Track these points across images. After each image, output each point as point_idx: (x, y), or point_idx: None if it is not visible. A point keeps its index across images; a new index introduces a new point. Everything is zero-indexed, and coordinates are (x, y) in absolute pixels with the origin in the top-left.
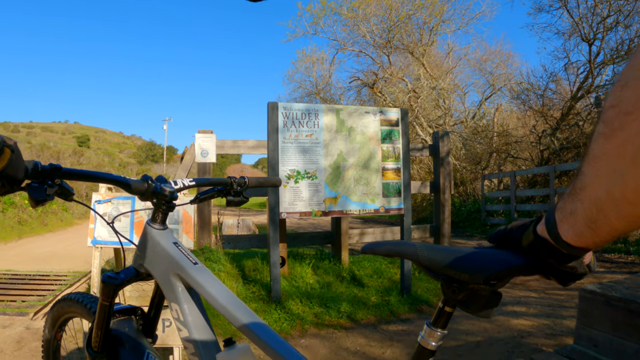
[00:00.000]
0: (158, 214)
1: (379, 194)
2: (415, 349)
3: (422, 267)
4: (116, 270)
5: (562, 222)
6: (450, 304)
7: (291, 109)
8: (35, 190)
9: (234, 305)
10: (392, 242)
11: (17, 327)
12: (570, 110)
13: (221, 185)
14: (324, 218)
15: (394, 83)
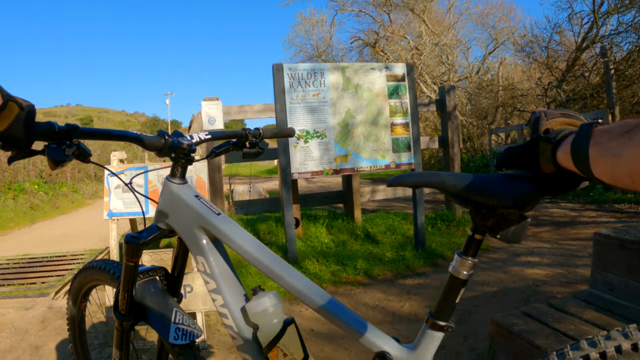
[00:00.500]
0: (177, 169)
1: (389, 150)
2: (447, 280)
3: (450, 195)
4: None
5: (600, 160)
6: (480, 231)
7: (296, 69)
8: (54, 151)
9: (260, 252)
10: (419, 173)
11: (39, 308)
12: (576, 62)
13: (236, 137)
14: (333, 181)
15: (396, 41)
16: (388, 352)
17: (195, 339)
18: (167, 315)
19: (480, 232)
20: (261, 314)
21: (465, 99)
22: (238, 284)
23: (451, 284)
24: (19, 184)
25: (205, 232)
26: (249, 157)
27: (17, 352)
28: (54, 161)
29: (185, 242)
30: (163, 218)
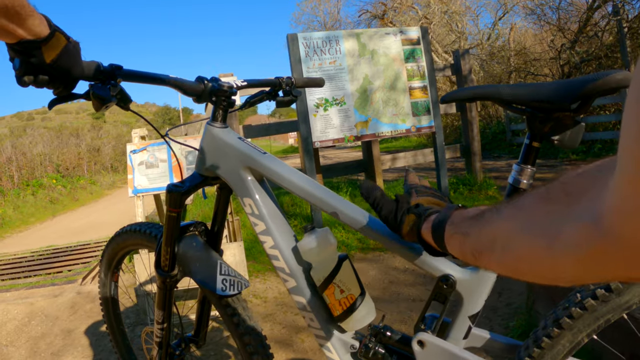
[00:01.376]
0: (218, 112)
1: (409, 114)
2: (507, 189)
3: (506, 104)
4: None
5: (451, 238)
6: (537, 137)
7: (311, 38)
8: (100, 89)
9: (311, 185)
10: (473, 87)
11: (68, 294)
12: (588, 22)
13: (270, 86)
14: (351, 154)
15: (404, 12)
16: (451, 275)
17: (243, 289)
18: (211, 268)
19: (538, 139)
20: (314, 251)
21: (478, 66)
22: (287, 224)
23: (512, 194)
24: (37, 179)
25: (251, 173)
26: (283, 105)
27: (49, 337)
28: (100, 99)
29: (231, 186)
30: (206, 164)
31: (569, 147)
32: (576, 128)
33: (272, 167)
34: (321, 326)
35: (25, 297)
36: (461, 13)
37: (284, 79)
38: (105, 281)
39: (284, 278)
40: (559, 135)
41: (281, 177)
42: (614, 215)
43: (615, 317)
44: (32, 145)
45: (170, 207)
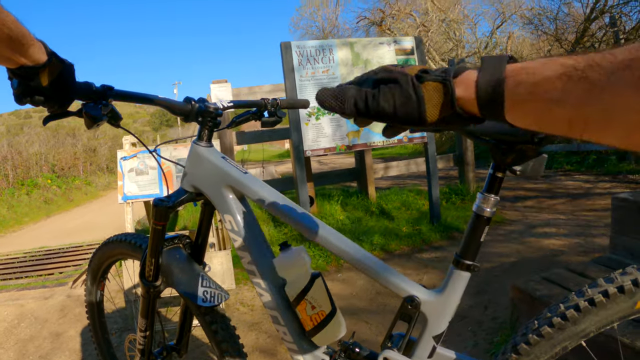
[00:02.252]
0: (204, 132)
1: None
2: (471, 218)
3: (471, 135)
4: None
5: (523, 104)
6: (501, 168)
7: (305, 46)
8: (92, 108)
9: (288, 206)
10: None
11: (58, 297)
12: (585, 33)
13: (255, 106)
14: (345, 160)
15: (402, 19)
16: (416, 296)
17: (223, 301)
18: (193, 280)
19: (501, 169)
20: (288, 269)
21: None
22: (265, 241)
23: (475, 223)
24: (31, 179)
25: (232, 191)
26: (268, 125)
27: (38, 340)
28: (92, 118)
29: (213, 202)
30: (191, 181)
31: (531, 177)
32: (539, 159)
33: (252, 187)
34: (294, 340)
35: (16, 299)
36: (459, 21)
37: (269, 100)
38: (91, 289)
39: (260, 292)
40: (522, 166)
41: (260, 197)
42: None
43: (573, 345)
44: (28, 144)
45: (156, 221)
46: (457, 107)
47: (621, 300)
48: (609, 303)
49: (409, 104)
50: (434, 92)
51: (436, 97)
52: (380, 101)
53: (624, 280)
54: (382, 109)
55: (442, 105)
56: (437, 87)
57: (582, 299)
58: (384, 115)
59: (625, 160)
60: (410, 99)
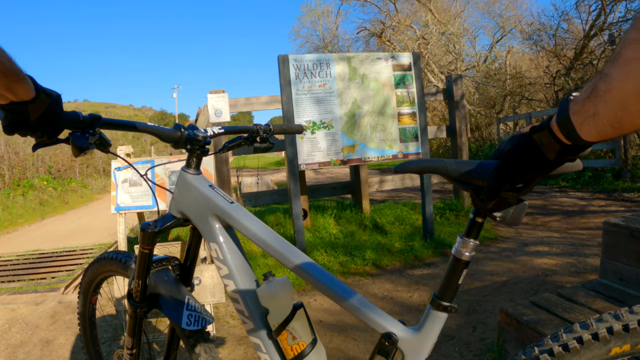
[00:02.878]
0: (192, 160)
1: (396, 140)
2: (450, 261)
3: (452, 179)
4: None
5: (583, 124)
6: (481, 213)
7: (302, 60)
8: (78, 138)
9: (272, 238)
10: (423, 160)
11: (49, 303)
12: (584, 49)
13: (248, 132)
14: (341, 171)
15: (402, 31)
16: (394, 333)
17: (207, 324)
18: (179, 303)
19: (481, 215)
20: (271, 298)
21: (473, 88)
22: (249, 270)
23: (454, 266)
24: (27, 180)
25: (219, 220)
26: (260, 151)
27: (27, 346)
28: (78, 148)
29: (200, 230)
30: (178, 207)
31: (511, 225)
32: (519, 206)
33: (237, 217)
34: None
35: (7, 303)
36: (459, 35)
37: (261, 126)
38: (84, 302)
39: (243, 320)
40: (502, 213)
41: (245, 227)
42: None
43: None
44: (25, 144)
45: (143, 245)
46: (560, 140)
47: (595, 347)
48: (582, 349)
49: (531, 150)
50: (542, 137)
51: (548, 142)
52: (510, 153)
53: (599, 327)
54: (512, 160)
55: (551, 144)
56: (545, 134)
57: (557, 344)
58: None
59: (620, 178)
60: (531, 147)
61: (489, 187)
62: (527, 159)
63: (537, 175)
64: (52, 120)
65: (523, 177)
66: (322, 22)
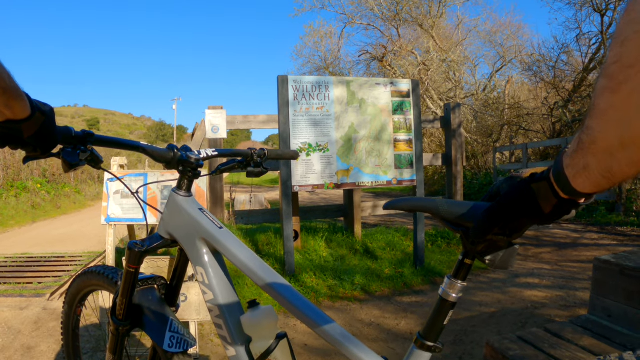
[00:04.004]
0: (184, 182)
1: (391, 166)
2: (437, 302)
3: (443, 220)
4: None
5: (576, 177)
6: (470, 256)
7: (301, 82)
8: (69, 154)
9: (259, 267)
10: (415, 198)
11: (34, 308)
12: (583, 82)
13: (242, 156)
14: (336, 193)
15: (404, 56)
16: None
17: (188, 348)
18: (162, 324)
19: (470, 257)
20: (255, 327)
21: (471, 116)
22: (235, 296)
23: (440, 306)
24: (21, 182)
25: (206, 244)
26: (253, 175)
27: (9, 351)
28: (68, 164)
29: (187, 253)
30: (167, 228)
31: (500, 269)
32: (510, 250)
33: (225, 243)
34: None
35: None
36: (460, 62)
37: (256, 150)
38: (69, 313)
39: (226, 346)
40: (491, 256)
41: (232, 254)
42: None
43: None
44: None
45: (129, 264)
46: (558, 195)
47: None
48: None
49: (527, 200)
50: (541, 188)
51: (545, 194)
52: (507, 198)
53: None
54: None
55: (548, 196)
56: (543, 185)
57: None
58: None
59: (614, 212)
60: (528, 197)
61: (478, 228)
62: (523, 208)
63: (531, 223)
64: (45, 137)
65: (515, 222)
66: (325, 43)
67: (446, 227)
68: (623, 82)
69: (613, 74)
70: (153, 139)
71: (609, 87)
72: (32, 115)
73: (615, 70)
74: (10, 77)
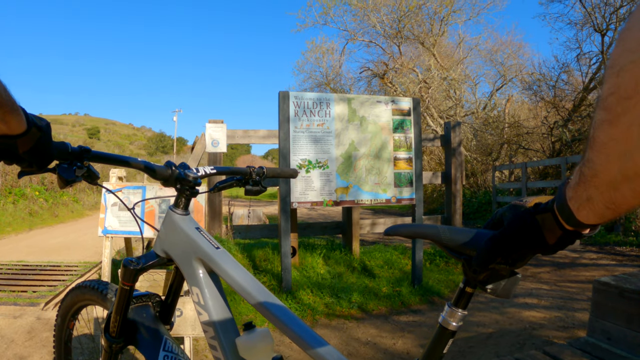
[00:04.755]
0: (181, 200)
1: (391, 184)
2: (436, 329)
3: (445, 247)
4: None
5: (580, 209)
6: (471, 284)
7: (302, 98)
8: (65, 170)
9: (255, 289)
10: (416, 225)
11: (28, 318)
12: (582, 102)
13: (240, 174)
14: (334, 209)
15: (405, 73)
16: None
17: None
18: (156, 342)
19: (472, 285)
20: (250, 350)
21: (471, 135)
22: (230, 318)
23: (440, 335)
24: (20, 188)
25: (202, 264)
26: (252, 194)
27: None
28: (64, 180)
29: (182, 272)
30: (163, 246)
31: (502, 297)
32: (512, 279)
33: (221, 263)
34: None
35: None
36: (460, 80)
37: (255, 168)
38: (61, 326)
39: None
40: (493, 285)
41: (228, 275)
42: None
43: None
44: None
45: (124, 281)
46: (563, 226)
47: None
48: None
49: (532, 231)
50: (545, 219)
51: (550, 226)
52: (510, 229)
53: None
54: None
55: (553, 228)
56: (548, 216)
57: None
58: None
59: (613, 232)
60: (532, 228)
61: (480, 258)
62: (527, 239)
63: (534, 253)
64: (41, 152)
65: (518, 252)
66: (327, 59)
67: (448, 254)
68: (621, 114)
69: (611, 106)
70: (153, 149)
71: (608, 119)
72: (27, 131)
73: (612, 102)
74: (6, 91)
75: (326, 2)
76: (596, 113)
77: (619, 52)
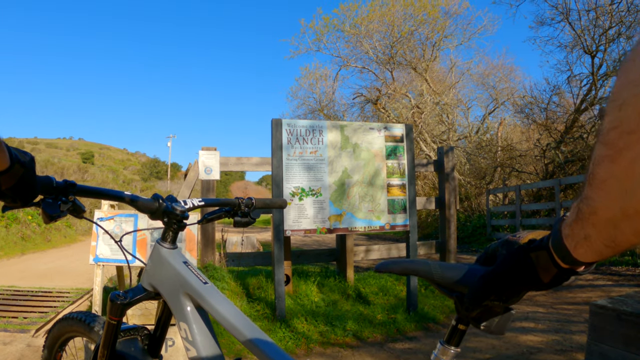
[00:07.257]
0: (168, 233)
1: (385, 211)
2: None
3: (436, 285)
4: (118, 288)
5: (577, 247)
6: (464, 321)
7: (295, 125)
8: (50, 205)
9: (244, 325)
10: (407, 261)
11: (18, 344)
12: (574, 123)
13: (229, 205)
14: (329, 235)
15: (397, 99)
16: None
17: None
18: None
19: (464, 323)
20: None
21: (464, 159)
22: (219, 354)
23: None
24: (12, 212)
25: (190, 299)
26: (241, 225)
27: None
28: (48, 216)
29: (170, 307)
30: (150, 280)
31: (496, 334)
32: (505, 315)
33: (209, 299)
34: None
35: None
36: (453, 105)
37: (243, 200)
38: (48, 358)
39: None
40: (487, 322)
41: (216, 312)
42: None
43: None
44: None
45: (111, 315)
46: (558, 264)
47: None
48: None
49: (526, 269)
50: (540, 256)
51: (545, 264)
52: (503, 268)
53: None
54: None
55: (548, 266)
56: (542, 253)
57: None
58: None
59: None
60: (526, 265)
61: (473, 295)
62: (521, 277)
63: (527, 290)
64: (24, 189)
65: (512, 290)
66: (320, 85)
67: (439, 291)
68: (624, 150)
69: (612, 141)
70: (147, 175)
71: (608, 155)
72: (10, 167)
73: (614, 137)
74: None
75: (319, 29)
76: (596, 149)
77: (621, 84)
